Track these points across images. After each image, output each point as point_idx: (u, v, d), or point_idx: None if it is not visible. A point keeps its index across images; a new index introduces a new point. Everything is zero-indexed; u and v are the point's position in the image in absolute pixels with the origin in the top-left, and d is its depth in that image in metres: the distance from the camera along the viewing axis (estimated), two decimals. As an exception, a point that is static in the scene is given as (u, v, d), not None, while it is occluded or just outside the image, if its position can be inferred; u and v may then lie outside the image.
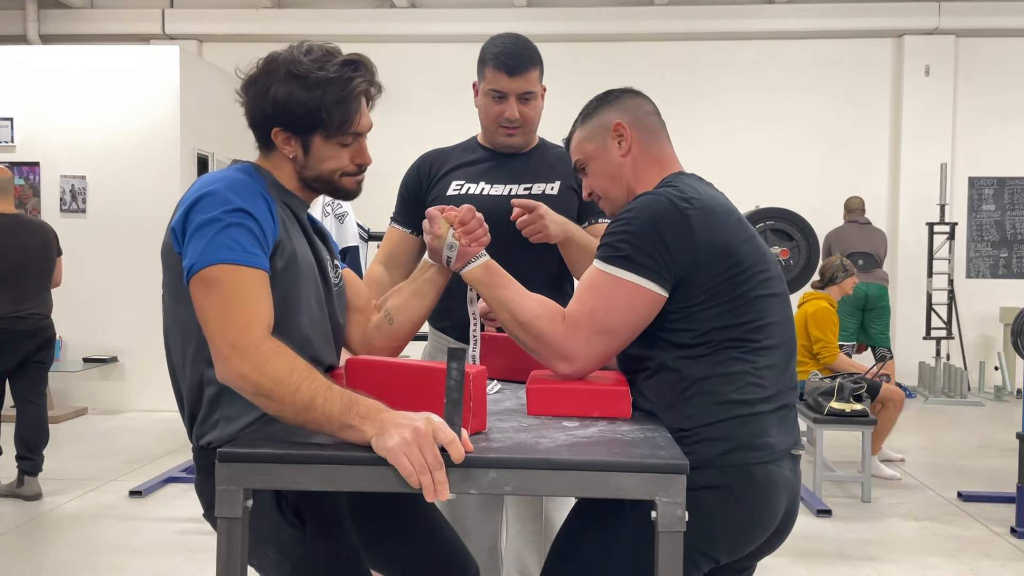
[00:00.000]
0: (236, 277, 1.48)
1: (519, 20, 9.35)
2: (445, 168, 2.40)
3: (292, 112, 1.61)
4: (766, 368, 1.64)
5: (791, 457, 1.67)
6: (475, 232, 1.78)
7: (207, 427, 1.60)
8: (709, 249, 1.59)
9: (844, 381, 4.89)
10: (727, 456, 1.58)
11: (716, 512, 1.57)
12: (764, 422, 1.62)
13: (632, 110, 1.81)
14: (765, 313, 1.64)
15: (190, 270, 1.49)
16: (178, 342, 1.63)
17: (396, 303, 1.89)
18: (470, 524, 2.40)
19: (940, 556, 3.95)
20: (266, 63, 1.65)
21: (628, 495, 1.30)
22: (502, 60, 2.26)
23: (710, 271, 1.59)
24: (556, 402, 1.62)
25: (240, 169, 1.65)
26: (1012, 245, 9.46)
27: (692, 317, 1.60)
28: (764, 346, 1.64)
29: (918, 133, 9.26)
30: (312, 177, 1.70)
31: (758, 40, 9.46)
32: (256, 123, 1.67)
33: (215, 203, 1.52)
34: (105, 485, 4.98)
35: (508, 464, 1.30)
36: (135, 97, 7.37)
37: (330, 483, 1.31)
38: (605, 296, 1.60)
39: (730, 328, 1.61)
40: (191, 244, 1.51)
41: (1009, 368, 8.62)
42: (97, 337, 7.31)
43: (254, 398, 1.43)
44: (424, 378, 1.48)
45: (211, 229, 1.49)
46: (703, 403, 1.59)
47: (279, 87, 1.61)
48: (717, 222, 1.62)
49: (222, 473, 1.30)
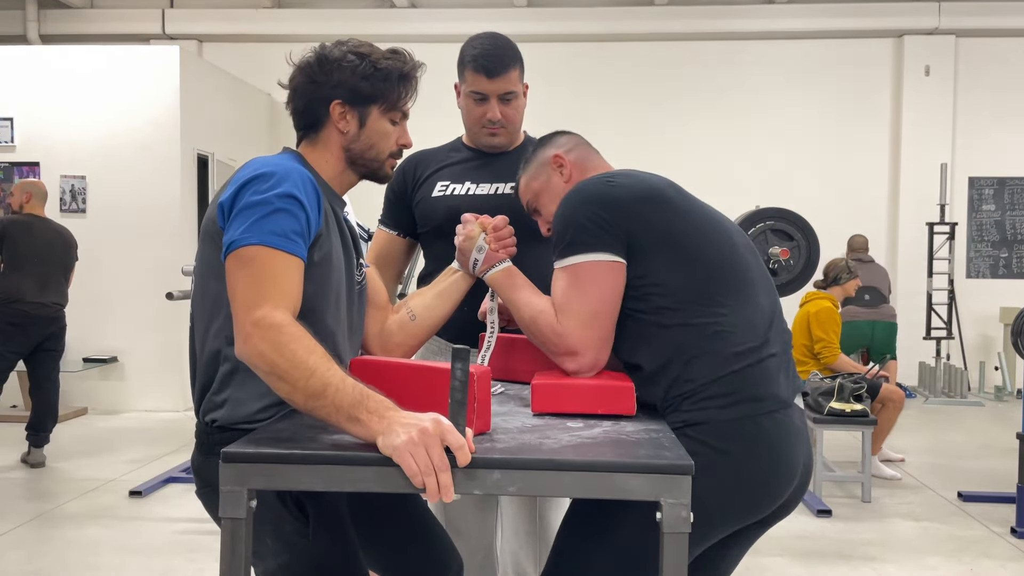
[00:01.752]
0: (272, 259, 1.50)
1: (519, 20, 9.35)
2: (430, 169, 2.40)
3: (356, 84, 1.70)
4: (755, 316, 1.68)
5: (799, 410, 1.70)
6: (506, 240, 1.91)
7: (214, 405, 1.62)
8: (638, 203, 1.69)
9: (844, 381, 4.89)
10: (735, 408, 1.60)
11: (732, 469, 1.58)
12: (766, 371, 1.64)
13: (564, 144, 1.97)
14: (741, 265, 1.71)
15: (229, 246, 1.52)
16: (204, 315, 1.65)
17: (421, 302, 1.97)
18: (465, 525, 2.40)
19: (940, 556, 3.95)
20: (324, 48, 1.74)
21: (633, 496, 1.29)
22: (481, 62, 2.26)
23: (648, 221, 1.67)
24: (561, 399, 1.62)
25: (292, 157, 1.71)
26: (1012, 245, 9.46)
27: (662, 279, 1.65)
28: (750, 297, 1.69)
29: (918, 133, 9.26)
30: (360, 153, 1.76)
31: (758, 40, 9.46)
32: (314, 100, 1.72)
33: (268, 185, 1.55)
34: (105, 485, 4.98)
35: (512, 465, 1.30)
36: (135, 97, 7.36)
37: (334, 484, 1.31)
38: (572, 286, 1.68)
39: (710, 284, 1.66)
40: (235, 221, 1.53)
41: (1009, 368, 8.63)
42: (97, 337, 7.30)
43: (268, 378, 1.44)
44: (428, 378, 1.48)
45: (259, 211, 1.52)
46: (701, 364, 1.62)
47: (345, 64, 1.70)
48: (639, 180, 1.74)
49: (226, 473, 1.30)
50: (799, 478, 1.67)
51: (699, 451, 1.53)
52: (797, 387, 1.72)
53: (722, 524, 1.62)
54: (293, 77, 1.76)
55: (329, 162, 1.76)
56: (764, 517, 1.68)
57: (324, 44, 1.76)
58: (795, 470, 1.65)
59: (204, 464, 1.65)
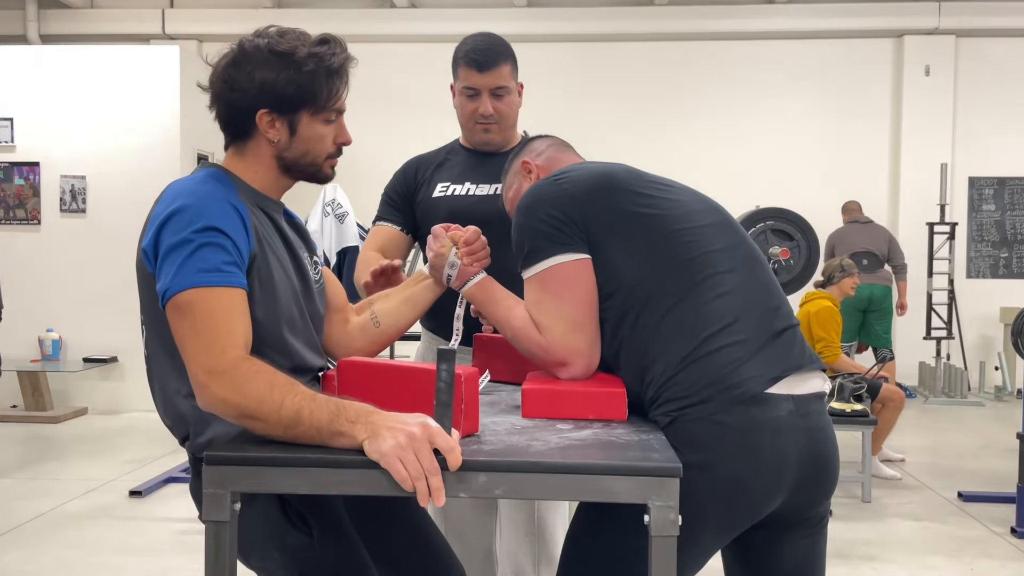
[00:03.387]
0: (210, 299, 1.43)
1: (519, 20, 9.34)
2: (430, 170, 2.42)
3: (281, 90, 1.57)
4: (717, 299, 1.56)
5: (791, 398, 1.53)
6: (478, 253, 1.84)
7: (200, 446, 1.57)
8: (588, 193, 1.64)
9: (844, 381, 4.89)
10: (695, 409, 1.49)
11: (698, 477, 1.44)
12: (729, 359, 1.51)
13: (535, 149, 1.96)
14: (697, 245, 1.61)
15: (164, 295, 1.46)
16: (165, 364, 1.59)
17: (385, 307, 1.89)
18: (464, 526, 2.40)
19: (940, 556, 3.94)
20: (241, 47, 1.60)
21: (620, 499, 1.29)
22: (472, 57, 2.29)
23: (599, 215, 1.62)
24: (551, 404, 1.61)
25: (209, 176, 1.60)
26: (1012, 245, 9.44)
27: (616, 273, 1.60)
28: (707, 276, 1.58)
29: (918, 133, 9.25)
30: (294, 160, 1.65)
31: (758, 40, 9.45)
32: (236, 110, 1.60)
33: (184, 222, 1.47)
34: (105, 485, 4.98)
35: (498, 467, 1.29)
36: (135, 97, 7.36)
37: (319, 486, 1.31)
38: (545, 295, 1.64)
39: (659, 270, 1.58)
40: (163, 268, 1.47)
41: (1009, 368, 8.61)
42: (97, 337, 7.30)
43: (239, 421, 1.40)
44: (416, 380, 1.48)
45: (182, 252, 1.45)
46: (660, 363, 1.55)
47: (264, 67, 1.57)
48: (588, 171, 1.69)
49: (209, 476, 1.29)
50: (798, 470, 1.53)
51: None
52: (786, 367, 1.55)
53: (706, 533, 1.52)
54: (212, 81, 1.62)
55: (260, 172, 1.66)
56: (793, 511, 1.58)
57: (242, 40, 1.62)
58: (782, 467, 1.52)
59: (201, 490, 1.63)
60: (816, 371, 1.62)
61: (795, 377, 1.55)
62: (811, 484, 1.58)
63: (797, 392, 1.55)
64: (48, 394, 7.11)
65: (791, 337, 1.61)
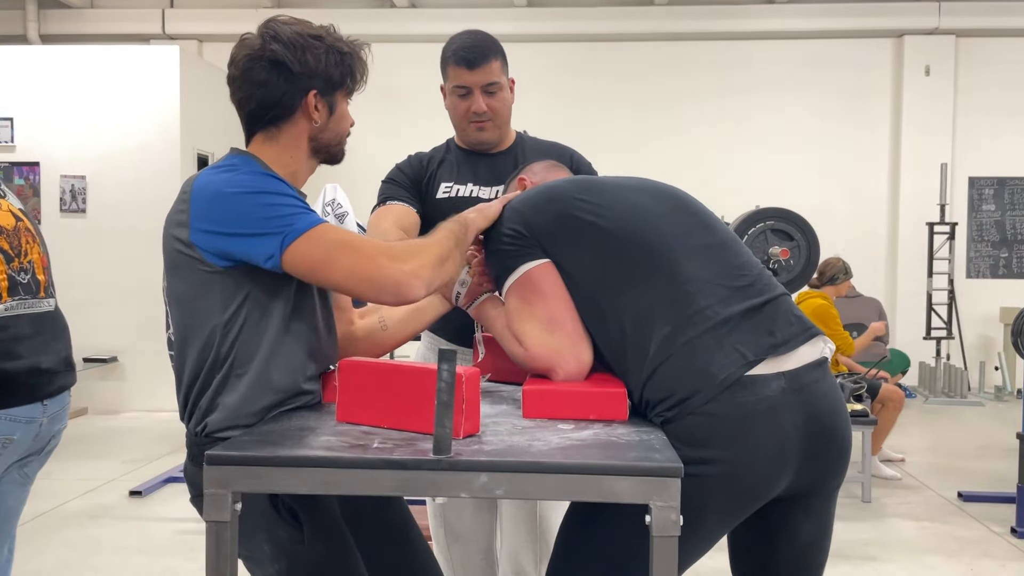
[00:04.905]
0: (334, 230, 1.54)
1: (519, 20, 9.34)
2: (435, 165, 2.39)
3: (331, 72, 1.66)
4: (673, 291, 1.54)
5: (783, 376, 1.49)
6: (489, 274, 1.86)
7: (205, 412, 1.59)
8: (534, 208, 1.71)
9: (844, 381, 4.89)
10: (684, 404, 1.48)
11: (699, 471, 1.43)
12: (701, 348, 1.49)
13: (531, 169, 2.05)
14: (644, 235, 1.61)
15: (283, 245, 1.50)
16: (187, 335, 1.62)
17: (395, 315, 1.91)
18: (465, 526, 2.40)
19: (940, 556, 3.94)
20: (274, 35, 1.64)
21: (621, 499, 1.29)
22: (461, 55, 2.26)
23: (545, 219, 1.68)
24: (552, 404, 1.61)
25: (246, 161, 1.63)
26: (1012, 245, 9.44)
27: (573, 278, 1.64)
28: (656, 267, 1.57)
29: (918, 133, 9.24)
30: (327, 141, 1.72)
31: (758, 40, 9.45)
32: (286, 93, 1.64)
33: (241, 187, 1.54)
34: (105, 485, 4.98)
35: (499, 467, 1.29)
36: (135, 97, 7.37)
37: (319, 486, 1.31)
38: (518, 305, 1.68)
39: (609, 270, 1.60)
40: (252, 227, 1.51)
41: (1009, 368, 8.61)
42: (97, 337, 7.30)
43: (440, 275, 1.59)
44: (417, 380, 1.48)
45: (265, 209, 1.52)
46: (633, 367, 1.55)
47: (312, 51, 1.64)
48: (536, 188, 1.79)
49: (211, 476, 1.29)
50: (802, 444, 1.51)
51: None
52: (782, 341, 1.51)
53: (710, 523, 1.51)
54: (254, 68, 1.63)
55: (293, 155, 1.69)
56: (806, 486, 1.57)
57: (270, 27, 1.65)
58: (784, 446, 1.49)
59: (196, 474, 1.61)
60: (809, 339, 1.56)
61: (783, 353, 1.52)
62: (821, 455, 1.55)
63: (788, 367, 1.51)
64: (48, 394, 7.10)
65: (772, 311, 1.56)
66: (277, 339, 1.59)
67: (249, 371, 1.57)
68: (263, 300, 1.58)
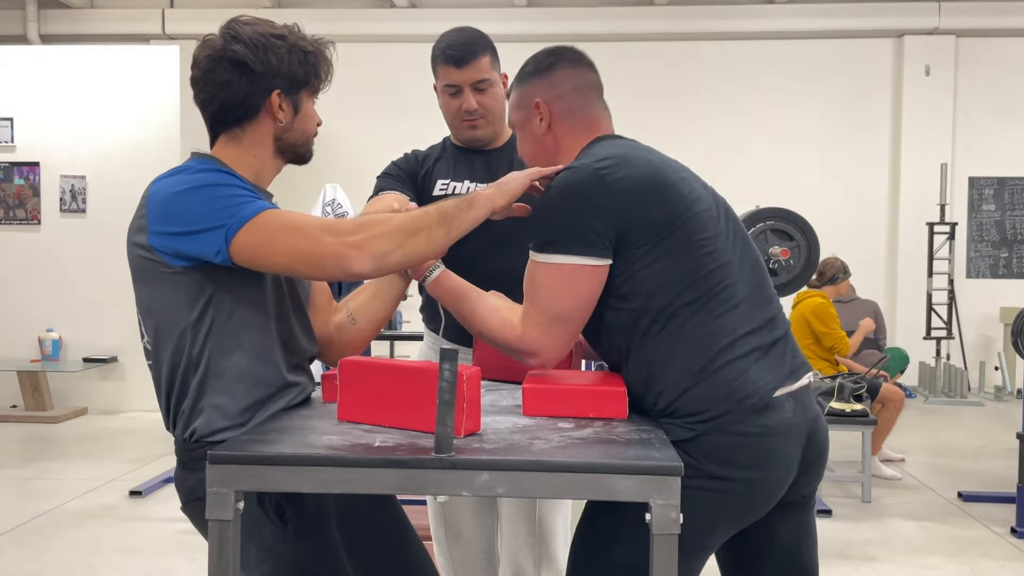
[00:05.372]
0: (276, 213, 1.49)
1: (519, 20, 9.34)
2: (431, 162, 2.39)
3: (294, 71, 1.64)
4: (729, 311, 1.57)
5: (791, 397, 1.58)
6: None
7: (190, 417, 1.56)
8: (633, 201, 1.56)
9: (844, 381, 4.89)
10: (715, 422, 1.52)
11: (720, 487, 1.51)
12: (739, 371, 1.54)
13: (557, 86, 1.79)
14: (716, 256, 1.58)
15: (227, 237, 1.46)
16: (159, 340, 1.59)
17: (358, 303, 1.88)
18: (464, 527, 2.39)
19: (940, 556, 3.95)
20: (235, 35, 1.63)
21: (622, 497, 1.29)
22: (449, 53, 2.26)
23: (641, 223, 1.55)
24: (552, 403, 1.62)
25: (199, 164, 1.60)
26: (1012, 245, 9.45)
27: (636, 277, 1.56)
28: (723, 288, 1.57)
29: (918, 133, 9.25)
30: (293, 140, 1.69)
31: (758, 40, 9.45)
32: (249, 93, 1.62)
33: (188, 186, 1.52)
34: (105, 485, 4.98)
35: (500, 466, 1.29)
36: (135, 97, 7.37)
37: (323, 485, 1.31)
38: (546, 287, 1.59)
39: (679, 282, 1.55)
40: (199, 224, 1.48)
41: (1009, 368, 8.62)
42: (97, 337, 7.31)
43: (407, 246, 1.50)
44: (418, 379, 1.48)
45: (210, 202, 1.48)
46: (672, 374, 1.55)
47: (275, 50, 1.62)
48: (637, 171, 1.59)
49: (213, 475, 1.29)
50: (801, 461, 1.59)
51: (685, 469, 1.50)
52: (789, 372, 1.60)
53: (718, 535, 1.58)
54: (215, 69, 1.63)
55: (258, 155, 1.67)
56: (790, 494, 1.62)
57: (231, 27, 1.65)
58: (790, 465, 1.58)
59: (186, 479, 1.61)
60: (808, 371, 1.67)
61: (793, 382, 1.61)
62: (810, 469, 1.64)
63: (793, 389, 1.60)
64: (48, 394, 7.11)
65: (784, 343, 1.64)
66: (248, 334, 1.57)
67: (226, 370, 1.55)
68: (228, 296, 1.55)
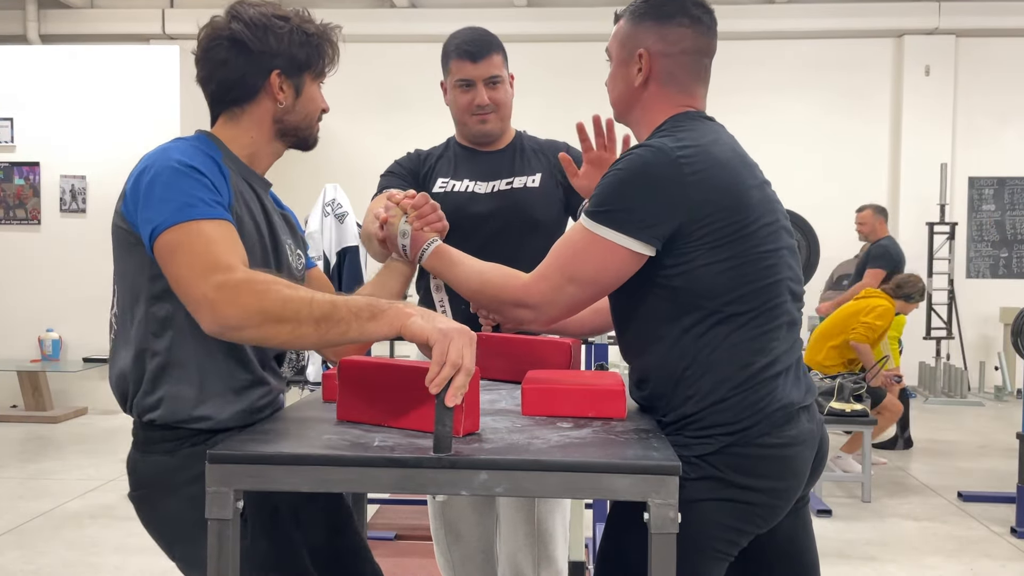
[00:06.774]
0: (203, 229, 1.41)
1: (519, 20, 9.34)
2: (432, 161, 2.41)
3: (295, 53, 1.61)
4: (776, 329, 1.56)
5: (807, 409, 1.61)
6: (428, 216, 1.78)
7: (148, 406, 1.54)
8: (706, 199, 1.49)
9: (844, 381, 4.90)
10: (743, 435, 1.52)
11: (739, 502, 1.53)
12: (772, 387, 1.55)
13: (670, 42, 1.72)
14: (775, 270, 1.55)
15: (152, 235, 1.42)
16: (123, 314, 1.56)
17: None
18: (464, 526, 2.39)
19: (940, 556, 3.95)
20: (237, 15, 1.60)
21: (620, 496, 1.29)
22: (464, 49, 2.30)
23: (709, 222, 1.49)
24: (551, 402, 1.62)
25: (191, 139, 1.59)
26: (1012, 245, 9.45)
27: (694, 273, 1.51)
28: (775, 305, 1.55)
29: (918, 133, 9.25)
30: (294, 123, 1.66)
31: (758, 40, 9.45)
32: (248, 72, 1.60)
33: (162, 166, 1.46)
34: (105, 485, 4.98)
35: (499, 465, 1.29)
36: (135, 97, 7.37)
37: (321, 484, 1.31)
38: (579, 250, 1.55)
39: (736, 289, 1.52)
40: (145, 212, 1.44)
41: (1009, 368, 8.62)
42: (97, 337, 7.29)
43: (262, 329, 1.35)
44: (418, 378, 1.47)
45: (164, 191, 1.43)
46: (708, 382, 1.53)
47: (276, 31, 1.60)
48: (715, 170, 1.52)
49: (212, 474, 1.29)
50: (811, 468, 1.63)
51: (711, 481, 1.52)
52: (807, 389, 1.62)
53: (742, 544, 1.59)
54: (214, 48, 1.60)
55: (255, 136, 1.64)
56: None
57: (235, 8, 1.61)
58: (806, 471, 1.61)
59: (140, 462, 1.59)
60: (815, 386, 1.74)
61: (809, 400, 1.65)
62: (814, 472, 1.67)
63: (806, 402, 1.63)
64: (48, 394, 7.11)
65: (801, 361, 1.67)
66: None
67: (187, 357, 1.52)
68: None
